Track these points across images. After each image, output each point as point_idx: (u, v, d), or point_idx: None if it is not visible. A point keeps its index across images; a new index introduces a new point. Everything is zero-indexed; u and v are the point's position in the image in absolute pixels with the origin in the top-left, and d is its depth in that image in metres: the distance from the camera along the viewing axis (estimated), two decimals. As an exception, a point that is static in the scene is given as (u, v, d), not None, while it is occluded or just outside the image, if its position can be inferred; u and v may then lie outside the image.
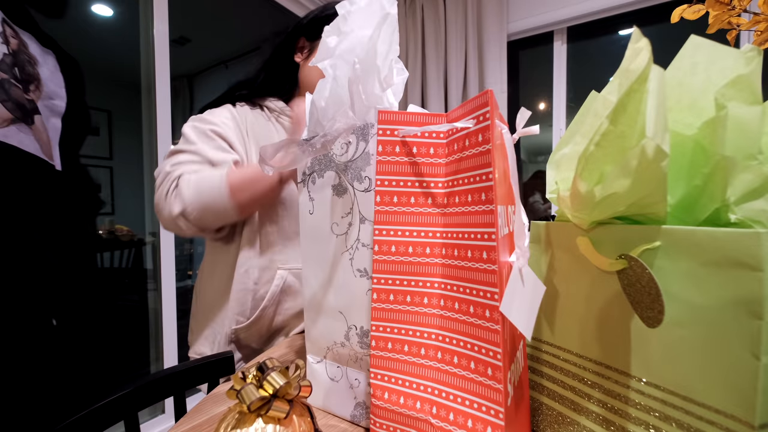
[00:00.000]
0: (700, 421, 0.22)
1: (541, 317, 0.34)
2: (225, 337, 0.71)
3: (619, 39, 1.92)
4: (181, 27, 1.48)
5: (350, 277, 0.37)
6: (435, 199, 0.31)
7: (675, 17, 0.50)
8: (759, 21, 0.46)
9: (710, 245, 0.21)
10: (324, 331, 0.40)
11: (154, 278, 1.45)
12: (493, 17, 1.97)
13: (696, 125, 0.26)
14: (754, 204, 0.23)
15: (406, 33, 2.20)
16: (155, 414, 1.43)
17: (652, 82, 0.23)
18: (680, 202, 0.26)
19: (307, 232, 0.41)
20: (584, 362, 0.29)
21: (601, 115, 0.31)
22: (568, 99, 2.00)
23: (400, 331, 0.31)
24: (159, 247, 1.42)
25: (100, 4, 1.31)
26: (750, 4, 0.47)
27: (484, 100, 0.28)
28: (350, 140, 0.36)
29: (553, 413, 0.32)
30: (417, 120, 0.32)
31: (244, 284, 0.70)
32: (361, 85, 0.35)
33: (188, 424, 0.39)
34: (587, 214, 0.27)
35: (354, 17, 0.38)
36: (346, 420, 0.39)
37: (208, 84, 1.66)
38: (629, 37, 0.25)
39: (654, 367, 0.24)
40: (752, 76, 0.24)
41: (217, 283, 0.73)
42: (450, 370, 0.29)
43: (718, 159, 0.23)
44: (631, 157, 0.22)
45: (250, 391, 0.26)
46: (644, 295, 0.24)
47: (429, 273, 0.31)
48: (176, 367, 0.57)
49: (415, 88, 2.16)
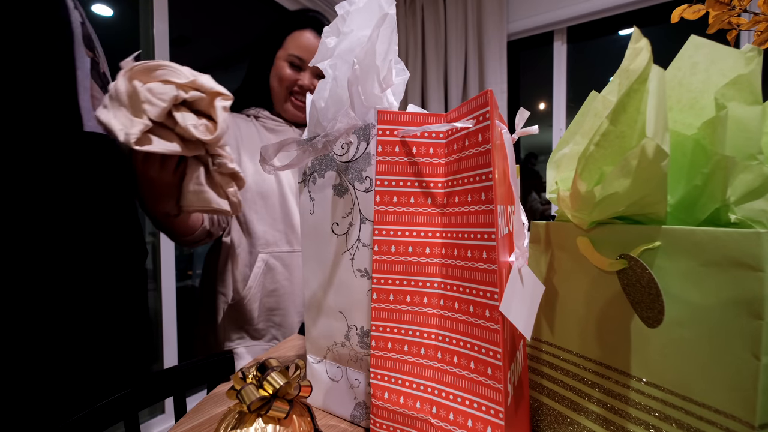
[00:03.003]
0: (700, 421, 0.22)
1: (540, 317, 0.34)
2: (222, 312, 0.81)
3: (619, 39, 1.92)
4: (181, 27, 1.48)
5: (351, 277, 0.37)
6: (435, 199, 0.31)
7: (675, 17, 0.50)
8: (759, 21, 0.46)
9: (710, 245, 0.21)
10: (324, 331, 0.40)
11: (154, 278, 1.45)
12: (493, 17, 1.97)
13: (696, 125, 0.26)
14: (754, 204, 0.23)
15: (406, 33, 2.20)
16: (155, 414, 1.43)
17: (652, 82, 0.23)
18: (680, 202, 0.26)
19: (307, 232, 0.41)
20: (584, 362, 0.29)
21: (601, 115, 0.31)
22: (568, 99, 2.00)
23: (400, 331, 0.31)
24: (159, 247, 1.42)
25: (100, 4, 1.31)
26: (750, 4, 0.47)
27: (483, 100, 0.28)
28: (351, 140, 0.36)
29: (553, 413, 0.32)
30: (417, 120, 0.32)
31: (234, 265, 0.81)
32: (361, 85, 0.35)
33: (188, 424, 0.39)
34: (587, 214, 0.27)
35: (353, 17, 0.38)
36: (346, 420, 0.39)
37: (208, 84, 1.65)
38: (629, 37, 0.25)
39: (654, 367, 0.24)
40: (752, 76, 0.24)
41: (215, 266, 0.84)
42: (450, 369, 0.29)
43: (718, 159, 0.23)
44: (631, 157, 0.22)
45: (250, 391, 0.26)
46: (644, 295, 0.24)
47: (429, 273, 0.31)
48: (176, 367, 0.57)
49: (415, 88, 2.16)
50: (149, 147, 0.45)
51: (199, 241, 0.78)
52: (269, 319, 0.84)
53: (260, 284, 0.81)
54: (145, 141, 0.45)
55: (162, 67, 0.46)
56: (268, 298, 0.82)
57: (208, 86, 0.47)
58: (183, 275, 1.51)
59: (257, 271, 0.81)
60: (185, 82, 0.46)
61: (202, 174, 0.54)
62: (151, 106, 0.44)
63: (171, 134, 0.47)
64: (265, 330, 0.84)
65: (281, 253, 0.83)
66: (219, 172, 0.55)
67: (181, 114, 0.46)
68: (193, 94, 0.46)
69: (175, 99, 0.45)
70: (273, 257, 0.82)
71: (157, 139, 0.46)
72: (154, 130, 0.46)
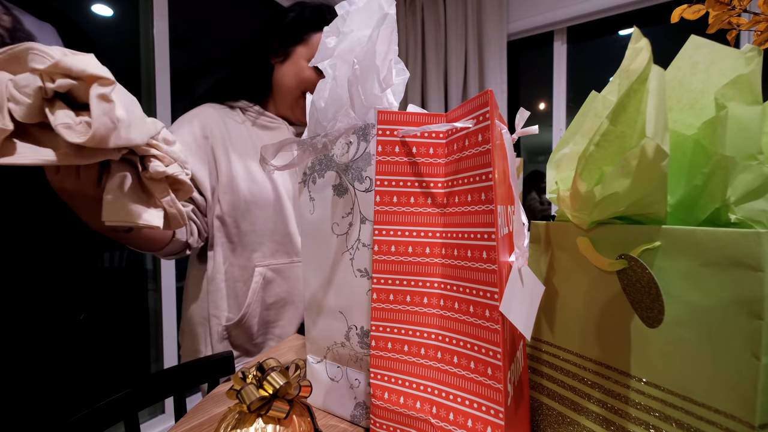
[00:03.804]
0: (700, 421, 0.22)
1: (540, 317, 0.34)
2: (217, 335, 0.73)
3: (619, 39, 1.92)
4: (181, 27, 1.48)
5: (351, 277, 0.37)
6: (435, 199, 0.31)
7: (675, 17, 0.50)
8: (759, 21, 0.46)
9: (710, 245, 0.21)
10: (324, 331, 0.40)
11: (154, 278, 1.45)
12: (493, 17, 1.97)
13: (696, 125, 0.26)
14: (754, 204, 0.23)
15: (406, 33, 2.20)
16: (155, 414, 1.43)
17: (652, 82, 0.23)
18: (680, 202, 0.26)
19: (307, 232, 0.41)
20: (584, 362, 0.29)
21: (601, 115, 0.31)
22: (568, 99, 2.00)
23: (400, 331, 0.31)
24: (159, 247, 1.42)
25: (100, 4, 1.31)
26: (750, 4, 0.47)
27: (483, 100, 0.28)
28: (351, 140, 0.36)
29: (553, 413, 0.32)
30: (416, 120, 0.32)
31: (226, 282, 0.74)
32: (361, 85, 0.35)
33: (188, 424, 0.39)
34: (587, 214, 0.27)
35: (353, 17, 0.38)
36: (346, 420, 0.39)
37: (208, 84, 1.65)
38: (629, 37, 0.25)
39: (654, 367, 0.24)
40: (752, 76, 0.24)
41: (203, 284, 0.76)
42: (450, 369, 0.29)
43: (718, 159, 0.23)
44: (631, 157, 0.22)
45: (250, 391, 0.26)
46: (644, 295, 0.24)
47: (429, 273, 0.31)
48: (176, 367, 0.57)
49: (415, 88, 2.16)
50: (10, 159, 0.35)
51: (176, 253, 0.70)
52: (268, 332, 0.78)
53: (259, 299, 0.74)
54: (6, 150, 0.35)
55: (30, 50, 0.36)
56: (267, 311, 0.76)
57: (77, 69, 0.35)
58: (183, 275, 1.50)
59: (255, 287, 0.74)
60: (47, 66, 0.35)
61: (128, 181, 0.42)
62: (16, 105, 0.35)
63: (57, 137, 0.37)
64: (264, 343, 0.78)
65: (279, 265, 0.76)
66: (150, 178, 0.43)
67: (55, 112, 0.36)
68: (61, 82, 0.35)
69: (43, 91, 0.36)
70: (270, 270, 0.75)
71: (24, 147, 0.36)
72: (27, 135, 0.36)
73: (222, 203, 0.73)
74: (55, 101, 0.36)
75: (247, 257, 0.74)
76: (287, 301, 0.78)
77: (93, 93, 0.36)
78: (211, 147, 0.73)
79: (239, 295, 0.74)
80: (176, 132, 0.72)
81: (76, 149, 0.37)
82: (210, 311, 0.73)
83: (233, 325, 0.73)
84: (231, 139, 0.75)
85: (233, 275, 0.74)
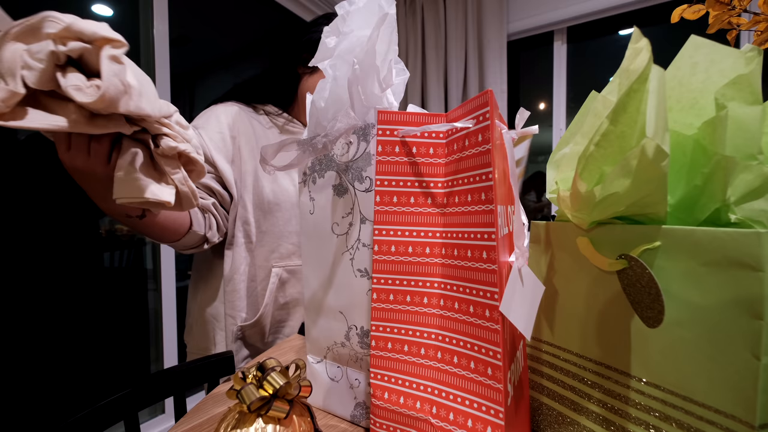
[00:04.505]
0: (700, 421, 0.22)
1: (541, 317, 0.34)
2: (232, 335, 0.73)
3: (619, 39, 1.92)
4: (181, 27, 1.48)
5: (351, 277, 0.37)
6: (435, 199, 0.31)
7: (675, 17, 0.50)
8: (759, 21, 0.46)
9: (710, 245, 0.21)
10: (324, 331, 0.40)
11: (154, 278, 1.45)
12: (493, 17, 1.97)
13: (696, 125, 0.26)
14: (754, 204, 0.23)
15: (406, 33, 2.20)
16: (155, 414, 1.43)
17: (652, 82, 0.23)
18: (680, 202, 0.26)
19: (307, 232, 0.41)
20: (584, 362, 0.29)
21: (601, 115, 0.31)
22: (568, 99, 2.00)
23: (400, 331, 0.31)
24: (159, 247, 1.42)
25: (100, 4, 1.31)
26: (750, 4, 0.47)
27: (483, 100, 0.28)
28: (351, 140, 0.36)
29: (553, 413, 0.32)
30: (417, 120, 0.32)
31: (244, 282, 0.73)
32: (361, 85, 0.35)
33: (188, 424, 0.39)
34: (587, 214, 0.27)
35: (353, 17, 0.38)
36: (346, 420, 0.39)
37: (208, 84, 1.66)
38: (629, 37, 0.25)
39: (654, 367, 0.24)
40: (752, 76, 0.24)
41: (216, 283, 0.75)
42: (450, 369, 0.29)
43: (718, 159, 0.23)
44: (631, 157, 0.22)
45: (250, 391, 0.26)
46: (644, 295, 0.24)
47: (429, 273, 0.31)
48: (176, 367, 0.57)
49: (415, 88, 2.16)
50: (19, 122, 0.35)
51: (194, 247, 0.68)
52: (278, 330, 0.80)
53: (273, 299, 0.76)
54: (17, 115, 0.35)
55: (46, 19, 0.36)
56: (280, 311, 0.78)
57: (89, 32, 0.35)
58: (183, 275, 1.51)
59: (272, 287, 0.75)
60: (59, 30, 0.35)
61: (139, 158, 0.41)
62: (29, 71, 0.35)
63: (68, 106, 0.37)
64: (273, 342, 0.79)
65: (295, 267, 0.78)
66: (161, 154, 0.42)
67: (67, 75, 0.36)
68: (73, 45, 0.35)
69: (55, 56, 0.35)
70: (286, 271, 0.78)
71: (35, 113, 0.36)
72: (37, 101, 0.36)
73: (246, 203, 0.73)
74: (67, 68, 0.36)
75: (264, 258, 0.76)
76: (298, 302, 0.80)
77: (104, 54, 0.36)
78: (238, 147, 0.74)
79: (256, 296, 0.75)
80: (203, 126, 0.72)
81: (87, 117, 0.37)
82: (226, 311, 0.73)
83: (249, 325, 0.74)
84: (258, 141, 0.76)
85: (251, 275, 0.74)
